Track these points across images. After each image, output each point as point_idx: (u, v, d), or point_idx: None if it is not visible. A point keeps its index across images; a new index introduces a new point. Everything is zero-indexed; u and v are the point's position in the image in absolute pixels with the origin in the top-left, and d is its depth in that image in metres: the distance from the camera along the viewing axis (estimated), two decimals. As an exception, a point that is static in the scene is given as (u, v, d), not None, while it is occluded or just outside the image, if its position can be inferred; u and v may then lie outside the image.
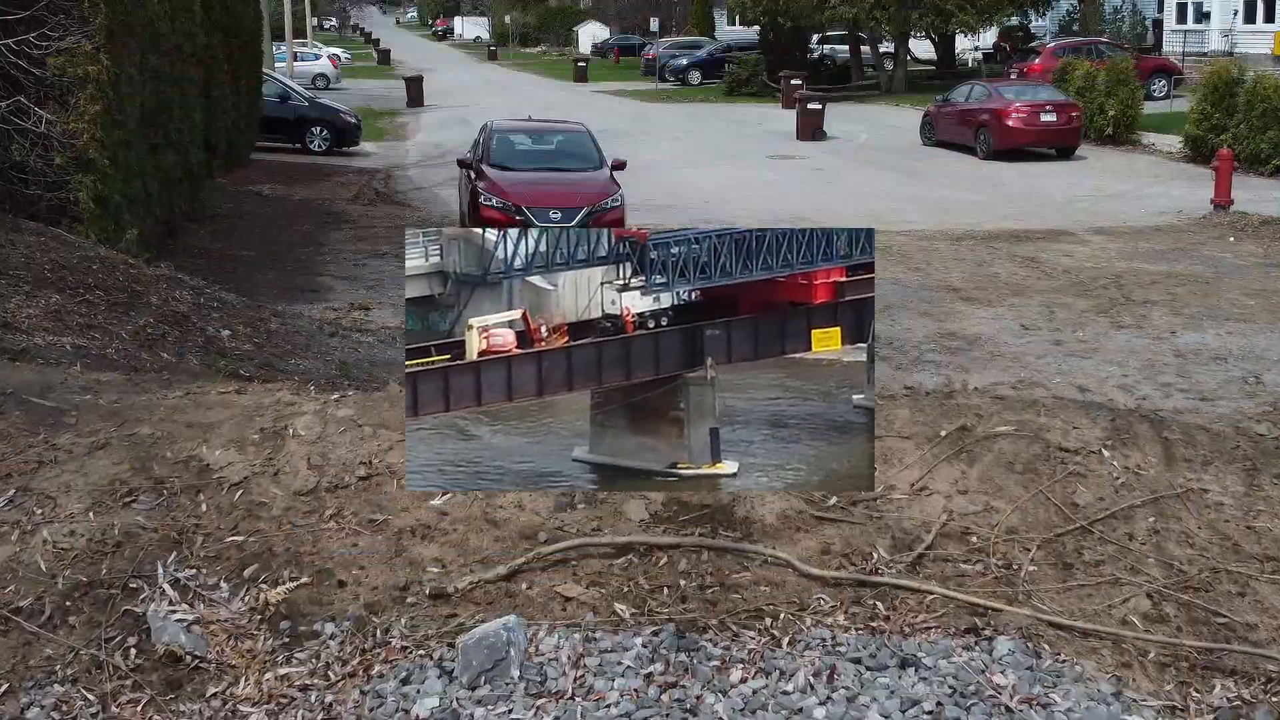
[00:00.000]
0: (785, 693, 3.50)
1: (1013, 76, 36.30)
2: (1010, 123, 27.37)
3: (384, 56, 75.55)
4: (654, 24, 73.98)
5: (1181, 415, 10.00)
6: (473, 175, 16.83)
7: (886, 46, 47.85)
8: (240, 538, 4.12)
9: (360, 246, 17.22)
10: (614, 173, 17.02)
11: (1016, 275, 15.68)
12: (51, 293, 8.31)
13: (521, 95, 45.76)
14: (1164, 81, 36.82)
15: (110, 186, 11.79)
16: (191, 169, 16.78)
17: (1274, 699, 3.55)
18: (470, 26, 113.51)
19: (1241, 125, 24.30)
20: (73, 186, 11.46)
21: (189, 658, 3.60)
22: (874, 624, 3.78)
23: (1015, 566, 4.00)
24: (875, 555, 4.10)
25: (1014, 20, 49.23)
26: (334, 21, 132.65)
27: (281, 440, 4.01)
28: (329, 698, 3.61)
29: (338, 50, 66.46)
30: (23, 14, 11.26)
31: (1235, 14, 42.00)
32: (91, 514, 4.16)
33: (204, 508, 4.16)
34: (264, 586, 3.91)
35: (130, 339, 7.87)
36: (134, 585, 3.81)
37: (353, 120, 29.51)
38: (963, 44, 52.32)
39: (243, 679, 3.59)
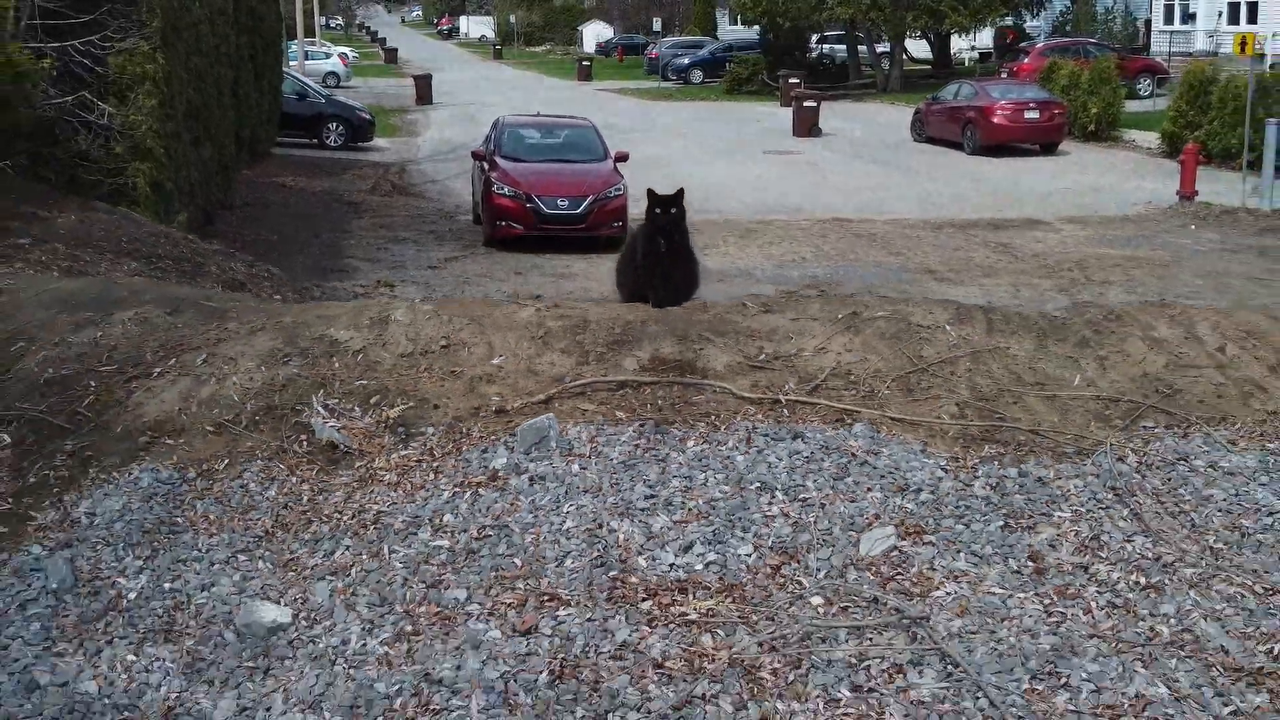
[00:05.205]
0: (721, 452, 5.63)
1: (1003, 76, 37.53)
2: (996, 120, 28.58)
3: (391, 55, 76.49)
4: (657, 24, 75.16)
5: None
6: (486, 166, 18.14)
7: (884, 46, 49.05)
8: (364, 382, 6.10)
9: (381, 233, 18.51)
10: (617, 164, 18.33)
11: (989, 259, 16.95)
12: (130, 261, 9.61)
13: (527, 93, 46.94)
14: (1149, 81, 38.07)
15: (164, 174, 13.10)
16: (225, 161, 18.11)
17: (1016, 451, 5.68)
18: (475, 25, 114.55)
19: (1215, 122, 25.49)
20: (130, 173, 12.76)
21: (341, 447, 5.71)
22: (780, 420, 5.93)
23: (875, 391, 6.14)
24: (787, 386, 6.15)
25: (1008, 21, 50.45)
26: (340, 20, 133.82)
27: (385, 324, 6.40)
28: (435, 464, 5.69)
29: (346, 49, 67.66)
30: (87, 18, 12.61)
31: (1220, 15, 43.26)
32: (262, 368, 6.28)
33: (337, 365, 6.25)
34: (384, 408, 5.96)
35: (202, 299, 9.18)
36: (298, 409, 6.00)
37: (367, 117, 30.81)
38: (958, 43, 53.49)
39: (377, 458, 5.59)
